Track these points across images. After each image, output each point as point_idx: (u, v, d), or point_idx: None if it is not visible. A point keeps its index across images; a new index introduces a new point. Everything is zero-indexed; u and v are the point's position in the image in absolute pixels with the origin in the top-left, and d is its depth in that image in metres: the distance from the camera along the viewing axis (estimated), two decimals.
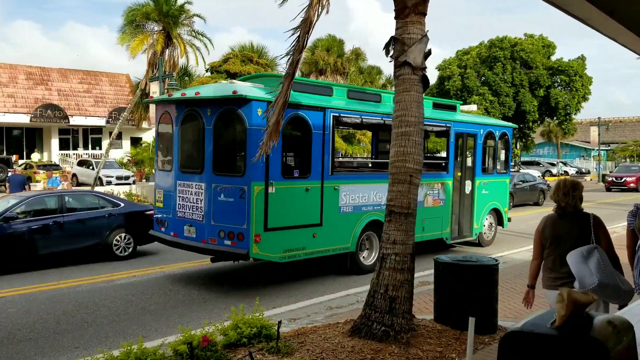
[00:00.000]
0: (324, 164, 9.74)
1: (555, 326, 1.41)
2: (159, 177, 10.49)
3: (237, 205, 8.68)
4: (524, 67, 49.55)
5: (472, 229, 13.11)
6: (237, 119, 8.89)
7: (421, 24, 6.17)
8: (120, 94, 40.12)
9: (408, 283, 6.05)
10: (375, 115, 10.79)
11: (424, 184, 11.13)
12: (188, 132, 9.75)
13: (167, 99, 10.24)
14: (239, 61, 22.25)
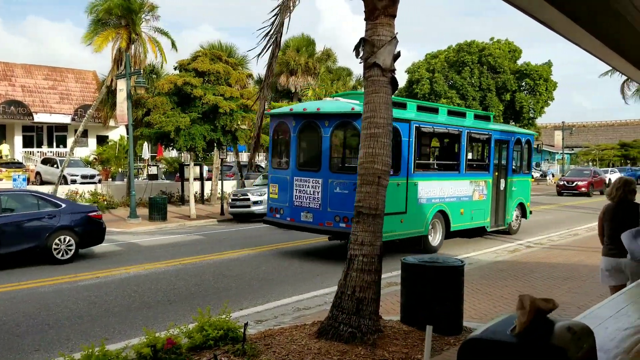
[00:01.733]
0: (409, 164, 12.28)
1: (516, 333, 1.41)
2: (274, 174, 12.84)
3: (351, 196, 10.21)
4: (491, 71, 50.39)
5: (505, 219, 15.65)
6: (352, 129, 11.49)
7: (391, 26, 6.19)
8: (86, 91, 39.30)
9: (375, 284, 6.06)
10: (440, 126, 13.49)
11: (473, 181, 14.41)
12: (305, 138, 12.31)
13: (288, 112, 12.74)
14: (208, 59, 21.98)
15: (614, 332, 1.82)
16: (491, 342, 1.38)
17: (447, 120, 13.80)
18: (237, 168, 30.06)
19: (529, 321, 1.38)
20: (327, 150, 11.65)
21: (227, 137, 21.54)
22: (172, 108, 21.02)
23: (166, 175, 33.53)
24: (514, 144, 15.89)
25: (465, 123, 14.25)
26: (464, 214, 14.03)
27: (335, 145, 11.99)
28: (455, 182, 13.78)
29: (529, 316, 1.38)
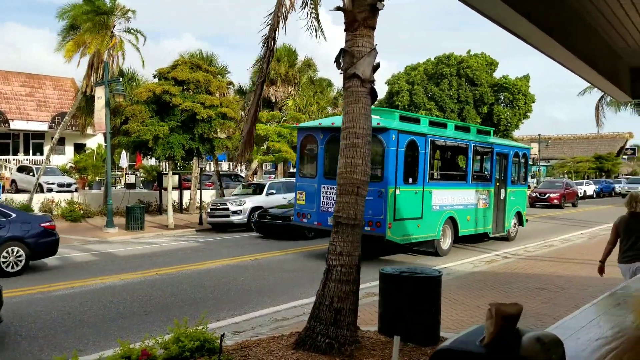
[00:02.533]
0: (424, 174, 13.45)
1: (485, 343, 1.42)
2: (301, 182, 14.07)
3: (376, 202, 12.00)
4: (470, 84, 51.00)
5: (505, 226, 16.85)
6: (378, 142, 12.03)
7: (370, 38, 6.24)
8: (64, 99, 38.82)
9: (353, 295, 6.06)
10: (450, 139, 14.79)
11: (478, 191, 15.49)
12: (332, 149, 12.86)
13: (316, 126, 13.93)
14: (188, 68, 21.87)
15: (585, 343, 1.84)
16: (460, 353, 1.38)
17: (455, 134, 15.07)
18: (217, 177, 29.90)
19: (497, 331, 1.38)
20: None
21: (205, 146, 21.42)
22: (150, 116, 20.86)
23: (144, 184, 33.20)
24: (513, 156, 17.22)
25: (470, 137, 15.56)
26: (470, 220, 15.20)
27: None
28: (463, 192, 15.00)
29: (496, 325, 1.38)
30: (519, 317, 1.43)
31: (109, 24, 22.57)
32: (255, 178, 33.13)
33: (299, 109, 37.32)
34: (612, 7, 4.51)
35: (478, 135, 16.08)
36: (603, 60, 5.60)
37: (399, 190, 12.55)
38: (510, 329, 1.42)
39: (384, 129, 12.29)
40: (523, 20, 3.44)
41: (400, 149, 12.61)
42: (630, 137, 67.83)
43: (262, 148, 29.44)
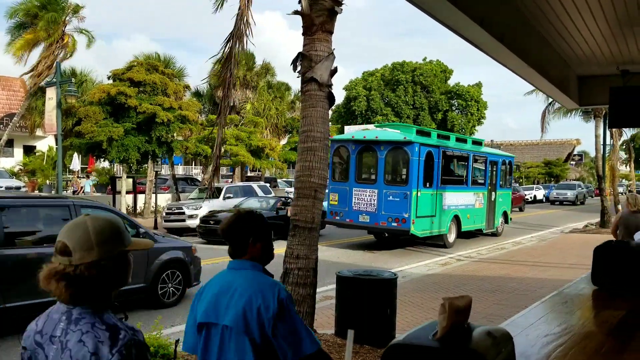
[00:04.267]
0: (437, 179, 15.93)
1: (437, 338, 1.44)
2: (334, 186, 16.14)
3: (402, 202, 14.83)
4: (424, 90, 51.86)
5: (494, 224, 19.51)
6: (404, 153, 15.15)
7: (328, 42, 6.27)
8: (13, 99, 37.50)
9: (310, 298, 6.06)
10: (456, 150, 17.32)
11: (475, 193, 18.20)
12: (363, 159, 16.08)
13: (349, 138, 16.41)
14: (144, 70, 21.50)
15: (534, 339, 1.89)
16: (413, 347, 1.41)
17: (457, 145, 17.64)
18: (172, 181, 29.45)
19: (449, 325, 1.41)
20: (382, 168, 15.41)
21: (162, 149, 21.08)
22: (104, 118, 20.40)
23: (97, 187, 32.38)
24: (501, 164, 19.97)
25: (469, 147, 18.11)
26: (469, 218, 17.81)
27: (388, 165, 15.70)
28: (464, 194, 17.63)
29: (449, 319, 1.41)
30: (469, 310, 1.47)
31: (60, 21, 21.95)
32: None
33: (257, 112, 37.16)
34: (561, 18, 4.68)
35: (474, 146, 18.60)
36: (553, 69, 5.80)
37: (420, 192, 15.12)
38: (462, 324, 1.46)
39: (409, 142, 14.98)
40: (476, 27, 3.53)
41: (421, 159, 15.15)
42: (577, 143, 70.19)
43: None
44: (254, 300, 2.27)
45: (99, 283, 1.67)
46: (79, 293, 1.65)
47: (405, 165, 15.26)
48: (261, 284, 2.34)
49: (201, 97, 41.85)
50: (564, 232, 22.65)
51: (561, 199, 43.86)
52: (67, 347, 1.61)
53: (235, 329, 2.28)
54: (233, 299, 2.32)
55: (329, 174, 16.12)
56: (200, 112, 34.45)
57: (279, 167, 33.27)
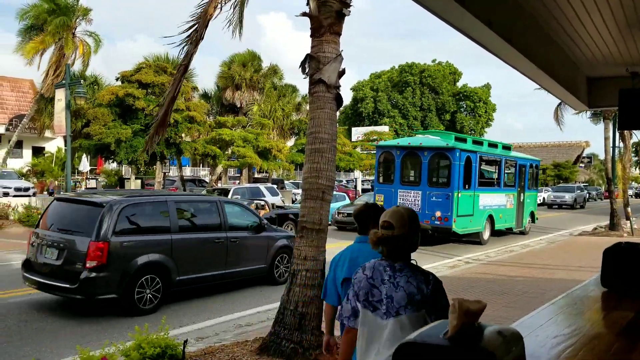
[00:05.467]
0: (475, 182, 17.54)
1: (448, 336, 1.46)
2: (379, 188, 18.00)
3: (444, 202, 16.39)
4: (432, 92, 51.75)
5: (523, 223, 21.15)
6: (446, 158, 16.79)
7: (336, 43, 6.29)
8: (22, 100, 37.78)
9: (318, 299, 6.06)
10: (489, 155, 19.16)
11: (506, 194, 19.74)
12: (408, 163, 17.72)
13: (394, 145, 18.25)
14: (152, 71, 21.61)
15: (544, 340, 1.89)
16: (424, 346, 1.42)
17: (489, 150, 19.19)
18: (180, 182, 29.55)
19: (460, 324, 1.42)
20: (425, 172, 16.95)
21: (171, 150, 21.18)
22: (113, 119, 20.53)
23: (105, 188, 32.56)
24: (529, 167, 21.56)
25: (500, 152, 19.85)
26: (502, 218, 19.26)
27: (431, 169, 17.18)
28: (497, 195, 19.19)
29: (459, 319, 1.43)
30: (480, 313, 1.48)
31: (71, 25, 22.08)
32: (220, 183, 32.88)
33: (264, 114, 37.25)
34: (570, 20, 4.66)
35: (504, 150, 20.29)
36: (562, 70, 5.78)
37: (460, 194, 16.65)
38: (473, 324, 1.47)
39: (452, 148, 16.59)
40: (484, 28, 3.53)
41: (461, 163, 16.64)
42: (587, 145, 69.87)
43: (226, 153, 29.25)
44: None
45: (407, 246, 2.78)
46: (396, 252, 2.75)
47: (447, 169, 16.89)
48: None
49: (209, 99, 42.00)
50: (572, 234, 22.54)
51: (559, 202, 41.86)
52: (400, 285, 2.69)
53: None
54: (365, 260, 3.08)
55: (375, 177, 18.83)
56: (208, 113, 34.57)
57: (286, 169, 33.30)
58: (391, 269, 2.72)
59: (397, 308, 2.65)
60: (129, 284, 8.29)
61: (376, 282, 2.71)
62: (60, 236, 8.51)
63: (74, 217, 8.80)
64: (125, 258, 8.32)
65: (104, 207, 8.36)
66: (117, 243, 8.22)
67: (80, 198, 9.54)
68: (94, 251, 7.98)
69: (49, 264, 8.46)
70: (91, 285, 8.00)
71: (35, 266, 8.79)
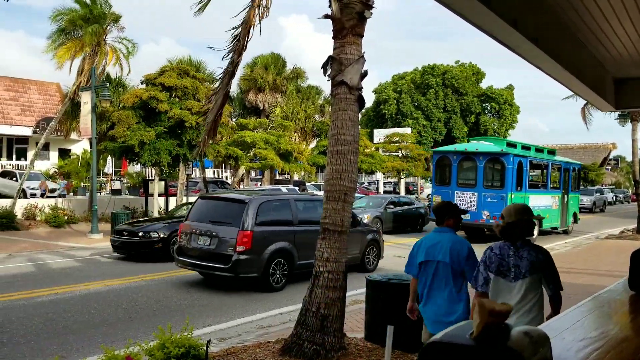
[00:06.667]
0: (525, 184, 19.09)
1: (474, 337, 1.45)
2: (436, 189, 19.41)
3: (499, 203, 17.35)
4: (456, 93, 51.33)
5: (566, 223, 22.44)
6: (499, 162, 18.26)
7: (358, 45, 6.28)
8: (49, 103, 38.49)
9: (340, 301, 6.06)
10: (537, 159, 20.50)
11: (552, 196, 21.21)
12: (464, 167, 19.01)
13: (451, 150, 19.70)
14: (176, 74, 21.83)
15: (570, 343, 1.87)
16: (450, 345, 1.42)
17: (536, 154, 20.55)
18: (203, 184, 29.78)
19: (485, 324, 1.42)
20: (481, 175, 18.29)
21: (193, 152, 21.36)
22: (137, 122, 20.78)
23: (130, 190, 32.97)
24: (572, 170, 22.91)
25: (547, 156, 21.16)
26: (548, 218, 20.47)
27: (486, 172, 18.44)
28: (544, 197, 20.56)
29: (483, 319, 1.42)
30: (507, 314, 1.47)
31: (102, 32, 22.42)
32: (242, 185, 33.06)
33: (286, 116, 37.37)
34: (597, 20, 4.59)
35: (549, 155, 21.71)
36: (588, 71, 5.70)
37: (513, 195, 17.90)
38: (499, 324, 1.46)
39: (506, 154, 18.13)
40: (509, 29, 3.50)
41: (514, 167, 18.08)
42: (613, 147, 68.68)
43: (248, 155, 29.41)
44: (453, 247, 4.49)
45: (517, 231, 3.81)
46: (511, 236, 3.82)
47: (501, 173, 18.22)
48: (456, 239, 4.57)
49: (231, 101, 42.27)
50: (599, 238, 22.16)
51: None
52: (523, 257, 3.77)
53: (443, 262, 4.50)
54: (443, 247, 4.50)
55: (432, 179, 20.22)
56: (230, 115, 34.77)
57: (308, 171, 33.35)
58: (514, 246, 3.82)
59: (522, 272, 3.75)
60: (266, 265, 10.22)
61: (504, 257, 3.82)
62: (212, 227, 10.43)
63: (221, 212, 10.83)
64: (263, 244, 10.24)
65: (247, 204, 10.28)
66: (257, 232, 10.15)
67: (224, 196, 11.94)
68: (242, 238, 9.95)
69: (203, 249, 10.44)
70: (240, 265, 9.96)
71: (189, 251, 10.73)
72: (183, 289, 10.60)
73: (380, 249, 13.46)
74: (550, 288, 3.85)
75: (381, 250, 13.50)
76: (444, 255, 4.46)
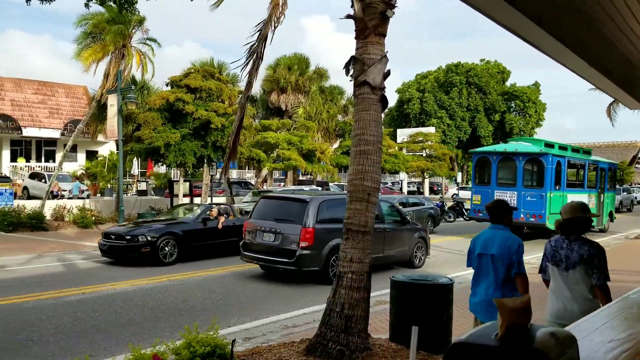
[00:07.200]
0: (563, 183, 19.67)
1: (499, 337, 1.44)
2: (477, 189, 20.18)
3: (538, 201, 18.42)
4: (480, 92, 50.77)
5: (603, 221, 22.81)
6: (539, 162, 18.92)
7: (381, 45, 6.26)
8: (77, 106, 39.21)
9: (364, 301, 6.05)
10: (574, 159, 20.89)
11: (590, 195, 21.45)
12: (503, 167, 19.47)
13: (491, 151, 20.39)
14: (200, 76, 22.06)
15: (598, 344, 1.85)
16: (475, 346, 1.42)
17: (573, 154, 21.07)
18: (227, 184, 30.01)
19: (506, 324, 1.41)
20: (520, 175, 18.93)
21: (217, 153, 21.54)
22: (163, 124, 21.04)
23: (155, 191, 33.39)
24: (608, 170, 23.33)
25: (583, 156, 21.66)
26: None
27: (526, 172, 19.14)
28: (582, 195, 20.41)
29: (506, 319, 1.41)
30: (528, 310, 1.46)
31: (127, 34, 22.77)
32: (265, 186, 33.22)
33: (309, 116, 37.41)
34: (624, 15, 4.51)
35: (585, 155, 22.11)
36: (617, 69, 5.60)
37: (552, 194, 18.61)
38: (523, 324, 1.45)
39: (545, 154, 18.65)
40: (535, 27, 3.45)
41: (552, 167, 18.67)
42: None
43: (272, 156, 29.54)
44: (506, 243, 4.89)
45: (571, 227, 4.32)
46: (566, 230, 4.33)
47: (540, 172, 18.85)
48: (509, 236, 4.95)
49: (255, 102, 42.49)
50: (628, 238, 21.72)
51: None
52: (574, 249, 4.25)
53: (496, 255, 4.91)
54: (496, 242, 4.94)
55: (472, 179, 21.06)
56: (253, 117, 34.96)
57: (330, 171, 33.37)
58: (568, 240, 4.35)
59: (572, 263, 4.26)
60: (326, 260, 10.97)
61: (557, 249, 4.39)
62: (276, 224, 11.30)
63: (284, 210, 11.66)
64: (323, 240, 10.96)
65: (308, 203, 11.06)
66: (318, 229, 10.92)
67: (287, 196, 12.83)
68: (305, 235, 10.78)
69: (268, 244, 11.31)
70: (303, 260, 10.78)
71: (254, 247, 11.62)
72: (208, 289, 10.70)
73: (428, 246, 14.06)
74: (594, 278, 4.23)
75: (428, 247, 14.08)
76: (496, 249, 4.90)
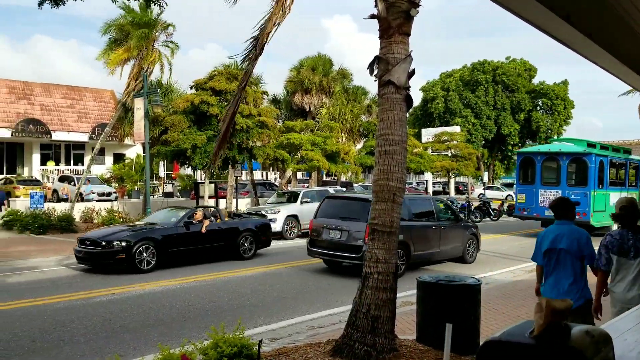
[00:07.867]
0: (606, 182, 20.26)
1: (534, 335, 1.42)
2: (521, 188, 20.82)
3: (583, 200, 18.62)
4: (506, 90, 50.15)
5: None
6: (582, 162, 19.44)
7: (405, 44, 6.22)
8: (104, 110, 39.86)
9: (390, 302, 6.02)
10: (615, 158, 21.37)
11: (629, 193, 21.24)
12: (548, 167, 20.18)
13: (535, 151, 21.01)
14: (224, 79, 22.24)
15: (633, 344, 1.81)
16: (509, 344, 1.40)
17: (614, 154, 21.50)
18: (252, 186, 30.19)
19: (546, 323, 1.39)
20: (564, 174, 19.61)
21: (242, 155, 21.67)
22: (188, 126, 21.26)
23: (181, 192, 33.75)
24: None
25: (624, 156, 22.15)
26: None
27: (570, 171, 19.73)
28: (623, 194, 20.12)
29: (546, 318, 1.39)
30: (567, 312, 1.43)
31: (151, 37, 23.09)
32: (289, 187, 33.31)
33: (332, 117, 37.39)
34: None
35: (625, 154, 22.60)
36: None
37: (595, 192, 19.24)
38: (559, 323, 1.42)
39: (588, 154, 19.30)
40: (562, 23, 3.39)
41: (596, 166, 19.26)
42: None
43: (295, 157, 29.61)
44: (574, 236, 5.13)
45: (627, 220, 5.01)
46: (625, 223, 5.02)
47: (584, 171, 19.40)
48: (576, 230, 5.22)
49: (278, 104, 42.65)
50: None
51: None
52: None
53: (565, 250, 5.13)
54: (564, 237, 5.16)
55: (516, 178, 21.74)
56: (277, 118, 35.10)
57: (354, 172, 33.29)
58: (633, 232, 4.92)
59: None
60: None
61: (624, 241, 4.94)
62: (341, 222, 12.06)
63: (348, 209, 12.37)
64: None
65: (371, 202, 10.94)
66: None
67: (351, 195, 13.94)
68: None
69: (335, 241, 12.03)
70: None
71: (321, 243, 12.38)
72: (233, 289, 10.76)
73: (479, 242, 14.58)
74: None
75: (479, 243, 14.59)
76: (565, 243, 5.12)
